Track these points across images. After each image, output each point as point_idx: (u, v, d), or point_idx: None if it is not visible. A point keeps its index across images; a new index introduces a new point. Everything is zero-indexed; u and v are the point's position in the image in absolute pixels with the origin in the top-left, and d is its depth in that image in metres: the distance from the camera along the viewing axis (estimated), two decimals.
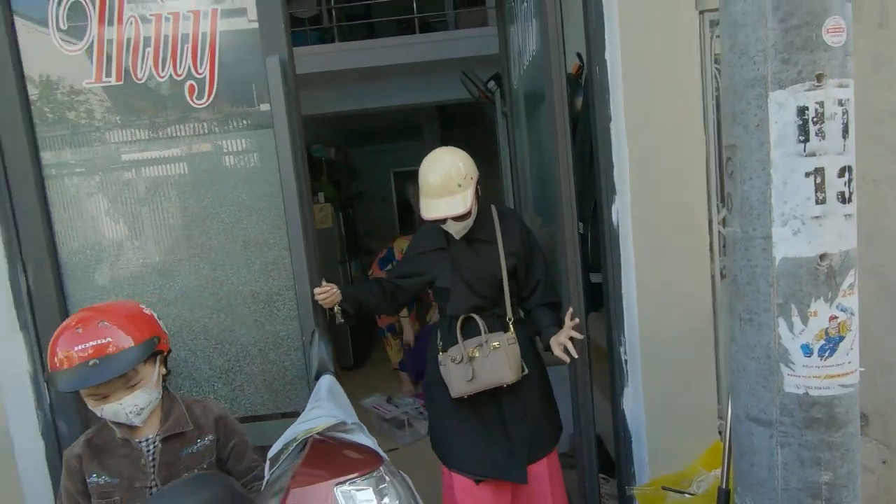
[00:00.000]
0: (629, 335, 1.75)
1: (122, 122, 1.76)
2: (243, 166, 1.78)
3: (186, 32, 1.70)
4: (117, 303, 1.44)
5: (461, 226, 1.65)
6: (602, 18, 1.67)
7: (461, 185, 1.59)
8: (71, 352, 1.14)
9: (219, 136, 1.77)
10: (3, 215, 1.70)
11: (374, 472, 0.82)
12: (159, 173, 1.80)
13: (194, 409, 1.34)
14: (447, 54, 4.52)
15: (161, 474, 1.24)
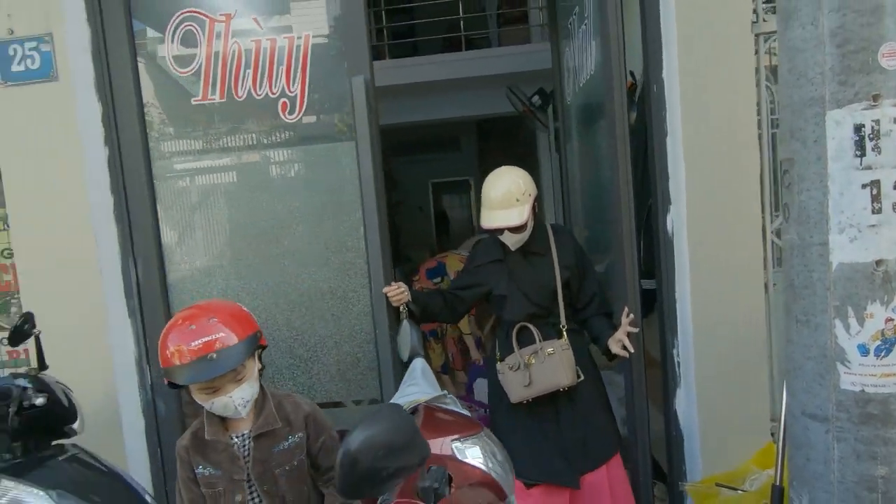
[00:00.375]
0: (682, 338, 1.84)
1: (222, 135, 1.99)
2: (326, 175, 1.97)
3: (282, 55, 1.91)
4: (218, 301, 1.46)
5: (517, 238, 1.76)
6: (660, 41, 1.80)
7: (519, 200, 1.71)
8: (186, 347, 1.17)
9: (306, 147, 1.97)
10: (120, 215, 1.93)
11: (478, 435, 0.96)
12: (252, 180, 2.01)
13: (285, 406, 1.35)
14: (490, 70, 4.69)
15: (255, 470, 1.28)
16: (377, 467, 0.64)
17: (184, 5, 1.92)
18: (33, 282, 1.93)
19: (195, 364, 1.17)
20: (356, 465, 0.63)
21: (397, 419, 0.69)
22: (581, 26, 2.15)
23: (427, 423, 1.00)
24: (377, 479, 0.65)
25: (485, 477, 0.92)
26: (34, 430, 1.47)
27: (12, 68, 1.84)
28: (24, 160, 1.89)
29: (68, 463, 1.48)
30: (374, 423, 0.67)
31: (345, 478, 0.64)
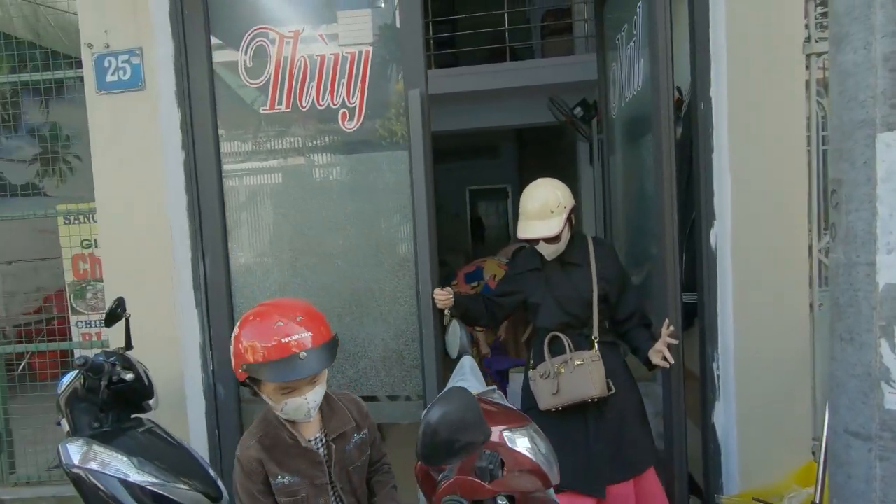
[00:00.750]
0: (723, 351, 1.86)
1: (286, 142, 2.14)
2: (380, 181, 2.09)
3: (343, 69, 2.05)
4: (295, 300, 1.33)
5: (552, 248, 1.80)
6: (709, 59, 1.84)
7: (553, 212, 1.75)
8: (273, 343, 1.11)
9: (362, 155, 2.10)
10: (192, 214, 2.11)
11: (526, 426, 1.04)
12: (311, 185, 2.16)
13: (348, 405, 1.34)
14: (532, 81, 4.76)
15: (335, 471, 1.26)
16: (451, 439, 0.73)
17: (257, 22, 2.09)
18: (115, 271, 2.13)
19: (285, 362, 1.11)
20: (436, 435, 0.72)
21: (467, 400, 0.78)
22: (630, 42, 2.20)
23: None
24: (451, 450, 0.74)
25: (533, 465, 1.00)
26: (118, 403, 1.64)
27: (107, 78, 2.05)
28: (112, 161, 2.10)
29: (145, 434, 1.64)
30: (449, 401, 0.76)
31: (426, 446, 0.73)
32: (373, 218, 2.10)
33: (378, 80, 2.05)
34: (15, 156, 5.39)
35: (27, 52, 3.00)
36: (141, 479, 1.49)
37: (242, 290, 2.17)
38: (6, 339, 4.54)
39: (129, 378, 1.58)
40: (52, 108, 5.04)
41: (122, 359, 1.63)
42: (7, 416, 2.66)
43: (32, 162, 5.67)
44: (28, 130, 5.46)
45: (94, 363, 1.54)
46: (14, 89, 3.43)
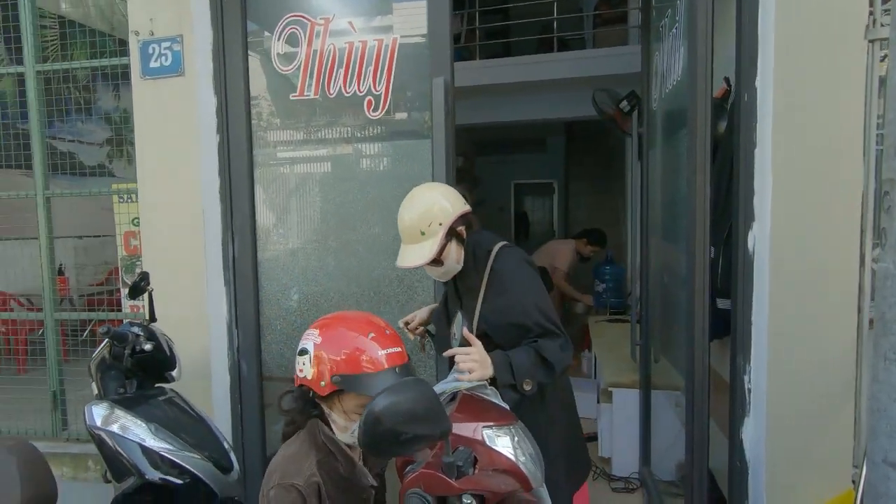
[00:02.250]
0: (756, 364, 1.73)
1: (313, 128, 2.18)
2: (403, 170, 2.09)
3: (371, 56, 2.05)
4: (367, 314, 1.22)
5: (440, 271, 1.51)
6: (756, 45, 1.69)
7: (424, 234, 1.43)
8: (383, 354, 1.06)
9: (386, 143, 2.10)
10: (224, 195, 2.20)
11: (510, 426, 1.00)
12: (336, 171, 2.19)
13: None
14: (582, 72, 4.60)
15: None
16: (397, 430, 0.72)
17: (290, 9, 2.13)
18: (153, 248, 2.25)
19: (383, 375, 1.03)
20: (378, 424, 0.71)
21: (420, 391, 0.75)
22: (672, 29, 2.07)
23: (463, 407, 1.06)
24: (396, 441, 0.72)
25: (511, 465, 0.96)
26: (142, 372, 1.74)
27: (150, 64, 2.16)
28: (153, 143, 2.22)
29: (166, 403, 1.73)
30: (399, 391, 0.74)
31: (366, 434, 0.72)
32: (394, 206, 2.09)
33: (404, 68, 2.04)
34: (89, 139, 5.84)
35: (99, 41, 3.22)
36: (156, 445, 1.57)
37: (268, 272, 2.24)
38: (73, 307, 4.97)
39: (148, 348, 1.67)
40: (122, 94, 5.42)
41: (145, 330, 1.73)
42: (62, 376, 2.89)
43: (104, 145, 6.13)
44: (100, 115, 5.89)
45: (117, 332, 1.63)
46: (91, 75, 3.70)
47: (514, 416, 1.04)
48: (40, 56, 2.73)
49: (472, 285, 1.53)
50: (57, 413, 2.88)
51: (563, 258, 4.66)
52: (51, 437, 2.87)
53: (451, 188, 1.55)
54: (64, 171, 3.22)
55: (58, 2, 4.86)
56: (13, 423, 2.99)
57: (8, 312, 3.96)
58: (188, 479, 1.58)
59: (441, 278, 1.56)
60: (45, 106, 2.77)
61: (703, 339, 1.71)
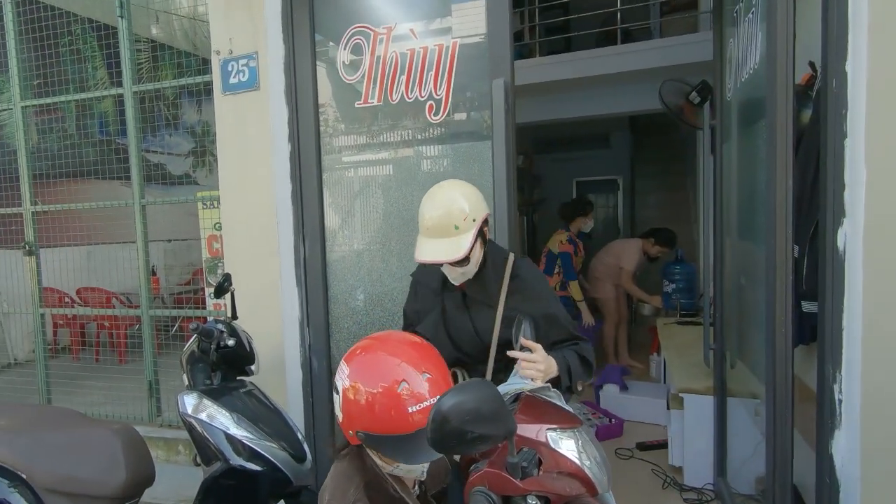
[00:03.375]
0: (847, 372, 1.59)
1: (376, 134, 2.26)
2: (465, 171, 2.11)
3: (431, 62, 2.09)
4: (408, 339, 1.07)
5: (459, 272, 1.43)
6: (846, 25, 1.55)
7: (458, 228, 1.36)
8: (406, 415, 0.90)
9: (447, 145, 2.14)
10: (295, 200, 2.33)
11: (574, 429, 0.99)
12: (399, 175, 2.26)
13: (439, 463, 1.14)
14: (647, 64, 4.41)
15: None
16: (463, 429, 0.73)
17: (355, 20, 2.22)
18: (233, 250, 2.43)
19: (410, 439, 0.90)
20: (446, 423, 0.73)
21: (485, 391, 0.77)
22: (748, 14, 1.94)
23: (526, 409, 1.06)
24: (463, 440, 0.74)
25: (576, 469, 0.95)
26: (226, 365, 1.88)
27: (230, 81, 2.34)
28: (233, 154, 2.39)
29: (247, 396, 1.86)
30: (464, 390, 0.76)
31: (434, 432, 0.74)
32: None
33: (464, 71, 2.07)
34: (176, 150, 6.38)
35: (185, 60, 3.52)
36: (238, 434, 1.70)
37: (337, 273, 2.35)
38: (164, 305, 5.45)
39: (231, 344, 1.80)
40: (204, 108, 5.87)
41: (228, 326, 1.87)
42: (157, 367, 3.18)
43: (188, 156, 6.67)
44: (185, 128, 6.42)
45: (205, 329, 1.78)
46: (175, 93, 4.05)
47: (578, 420, 1.03)
48: (136, 77, 3.02)
49: (488, 291, 1.47)
50: (152, 400, 3.18)
51: (630, 258, 4.49)
52: (147, 422, 3.18)
53: (475, 188, 1.50)
54: (156, 180, 3.54)
55: (148, 26, 5.34)
56: (116, 408, 3.34)
57: (111, 309, 4.41)
58: (266, 467, 1.69)
59: (457, 280, 1.46)
60: (140, 122, 3.06)
61: (786, 345, 1.60)
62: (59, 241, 3.54)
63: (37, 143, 3.72)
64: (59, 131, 4.17)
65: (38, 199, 3.36)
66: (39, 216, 3.37)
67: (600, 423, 3.41)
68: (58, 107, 3.77)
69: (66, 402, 3.45)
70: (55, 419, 1.94)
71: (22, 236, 3.35)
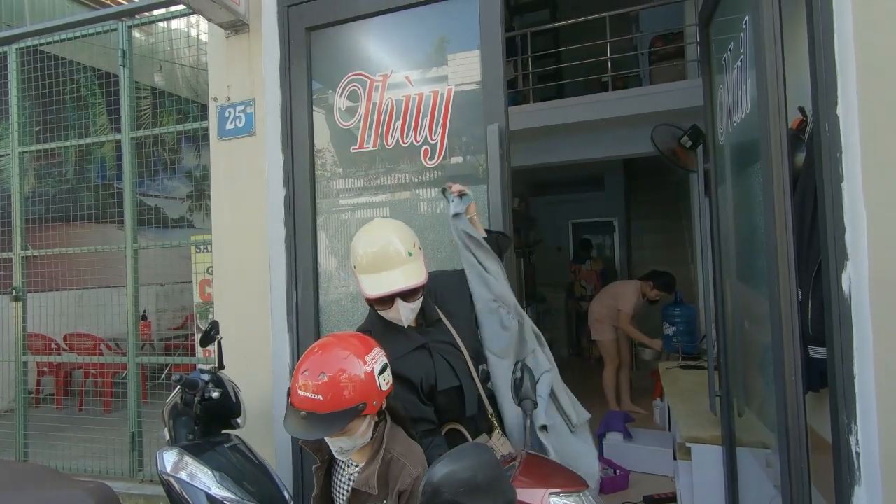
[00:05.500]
0: (863, 423, 1.51)
1: (372, 178, 2.26)
2: None
3: (426, 108, 2.11)
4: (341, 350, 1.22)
5: (410, 308, 1.39)
6: (834, 69, 1.57)
7: (412, 255, 1.37)
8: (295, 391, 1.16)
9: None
10: (289, 245, 2.29)
11: (579, 492, 0.92)
12: (395, 217, 2.23)
13: (392, 468, 1.24)
14: (639, 109, 4.52)
15: None
16: (458, 502, 0.67)
17: (351, 69, 2.26)
18: (224, 296, 2.37)
19: (291, 415, 1.18)
20: (437, 495, 0.66)
21: (483, 458, 0.70)
22: (737, 62, 1.98)
23: (527, 470, 0.98)
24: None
25: None
26: (210, 418, 1.79)
27: (226, 127, 2.35)
28: (227, 198, 2.38)
29: (231, 451, 1.76)
30: (458, 458, 0.69)
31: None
32: (452, 251, 2.10)
33: (458, 116, 2.09)
34: (173, 194, 6.41)
35: (184, 107, 3.58)
36: (220, 494, 1.59)
37: (330, 318, 2.28)
38: (153, 351, 5.31)
39: (215, 396, 1.72)
40: (203, 152, 5.95)
41: (214, 377, 1.79)
42: (141, 418, 3.05)
43: (186, 199, 6.70)
44: (184, 173, 6.48)
45: (189, 380, 1.70)
46: (175, 138, 4.10)
47: (583, 481, 0.95)
48: (135, 124, 3.05)
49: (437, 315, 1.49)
50: (134, 454, 3.02)
51: (627, 300, 4.44)
52: (127, 476, 3.01)
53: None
54: (151, 224, 3.52)
55: (152, 75, 5.48)
56: (96, 462, 3.17)
57: (97, 357, 4.28)
58: None
59: (410, 317, 1.40)
60: (136, 167, 3.07)
61: (796, 393, 1.53)
62: (49, 285, 3.47)
63: (34, 188, 3.72)
64: (58, 176, 4.19)
65: (31, 243, 3.32)
66: (30, 260, 3.32)
67: (605, 475, 3.25)
68: (58, 151, 3.79)
69: (45, 454, 3.28)
70: (26, 479, 1.82)
71: (10, 281, 3.29)
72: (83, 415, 4.24)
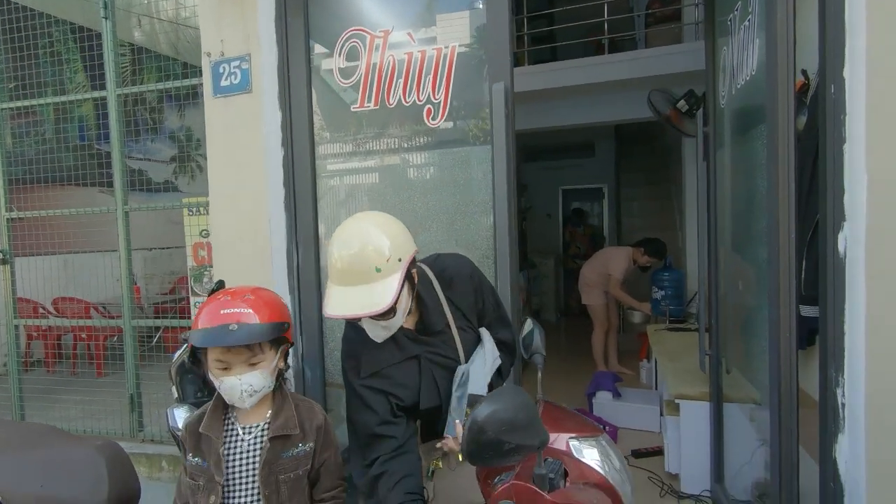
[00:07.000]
0: (850, 376, 1.59)
1: (373, 138, 2.22)
2: (462, 177, 2.08)
3: (429, 66, 2.07)
4: (262, 288, 1.34)
5: (381, 326, 1.17)
6: (843, 31, 1.57)
7: (380, 270, 1.10)
8: (214, 314, 1.18)
9: (445, 150, 2.11)
10: (289, 206, 2.27)
11: (597, 437, 0.96)
12: (396, 179, 2.21)
13: (302, 411, 1.30)
14: (633, 73, 4.47)
15: (262, 472, 1.22)
16: (500, 440, 0.69)
17: (351, 24, 2.18)
18: (223, 258, 2.35)
19: (215, 329, 1.17)
20: (482, 434, 0.69)
21: (520, 399, 0.73)
22: (744, 22, 1.97)
23: (546, 416, 1.02)
24: (499, 451, 0.70)
25: (601, 479, 0.91)
26: None
27: (221, 83, 2.27)
28: (223, 158, 2.32)
29: None
30: (499, 399, 0.72)
31: (470, 443, 0.70)
32: (454, 213, 2.10)
33: (462, 75, 2.05)
34: (157, 157, 6.23)
35: (164, 65, 3.45)
36: None
37: None
38: (144, 315, 5.28)
39: None
40: (187, 114, 5.76)
41: None
42: (139, 380, 3.06)
43: (170, 162, 6.52)
44: (167, 135, 6.28)
45: None
46: (158, 98, 3.96)
47: (599, 428, 1.00)
48: (119, 81, 2.93)
49: (440, 326, 1.26)
50: (134, 415, 3.05)
51: (618, 265, 4.52)
52: (128, 437, 3.04)
53: (398, 221, 1.24)
54: (135, 187, 3.43)
55: (130, 31, 5.23)
56: (94, 423, 3.19)
57: (90, 320, 4.25)
58: None
59: (380, 337, 1.21)
60: (124, 127, 2.96)
61: (790, 350, 1.60)
62: (34, 249, 3.39)
63: (10, 148, 3.57)
64: (36, 136, 4.03)
65: (13, 205, 3.22)
66: (14, 223, 3.23)
67: None
68: (35, 110, 3.63)
69: (41, 417, 3.29)
70: (33, 437, 1.82)
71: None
72: (77, 378, 4.24)
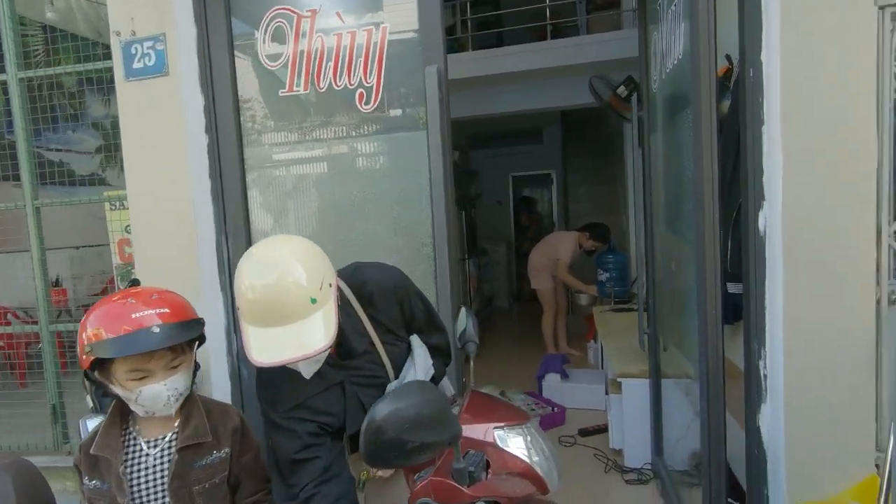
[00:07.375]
0: (771, 349, 1.67)
1: (304, 124, 2.12)
2: (398, 164, 2.03)
3: (360, 48, 1.98)
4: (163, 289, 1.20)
5: (315, 360, 1.05)
6: (760, 17, 1.62)
7: (316, 301, 0.96)
8: (127, 318, 1.03)
9: (380, 136, 2.04)
10: (215, 196, 2.14)
11: (522, 425, 0.95)
12: (329, 167, 2.13)
13: (214, 415, 1.20)
14: (576, 60, 4.53)
15: (171, 486, 1.11)
16: (403, 439, 0.66)
17: (276, 2, 2.06)
18: (145, 254, 2.19)
19: (133, 335, 1.01)
20: (380, 434, 0.65)
21: (427, 395, 0.70)
22: (670, 7, 2.00)
23: (472, 407, 1.01)
24: (402, 451, 0.66)
25: (525, 467, 0.91)
26: None
27: (133, 65, 2.10)
28: (140, 146, 2.15)
29: None
30: (402, 396, 0.68)
31: (368, 445, 0.66)
32: (391, 201, 2.05)
33: (396, 59, 1.98)
34: (80, 147, 5.77)
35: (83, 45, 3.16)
36: None
37: None
38: (72, 319, 4.91)
39: None
40: (112, 101, 5.35)
41: None
42: (61, 389, 2.84)
43: (95, 153, 6.06)
44: (92, 123, 5.81)
45: None
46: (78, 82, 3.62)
47: (526, 415, 0.99)
48: (22, 63, 2.66)
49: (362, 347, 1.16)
50: (57, 426, 2.83)
51: (566, 250, 4.61)
52: (52, 450, 2.83)
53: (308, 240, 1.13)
54: (55, 180, 3.15)
55: (42, 10, 4.78)
56: (15, 437, 2.94)
57: (4, 326, 3.90)
58: None
59: (310, 372, 1.09)
60: (30, 114, 2.70)
61: (716, 325, 1.65)
62: None
63: None
64: None
65: None
66: None
67: (543, 413, 3.45)
68: None
69: None
70: None
71: None
72: None
